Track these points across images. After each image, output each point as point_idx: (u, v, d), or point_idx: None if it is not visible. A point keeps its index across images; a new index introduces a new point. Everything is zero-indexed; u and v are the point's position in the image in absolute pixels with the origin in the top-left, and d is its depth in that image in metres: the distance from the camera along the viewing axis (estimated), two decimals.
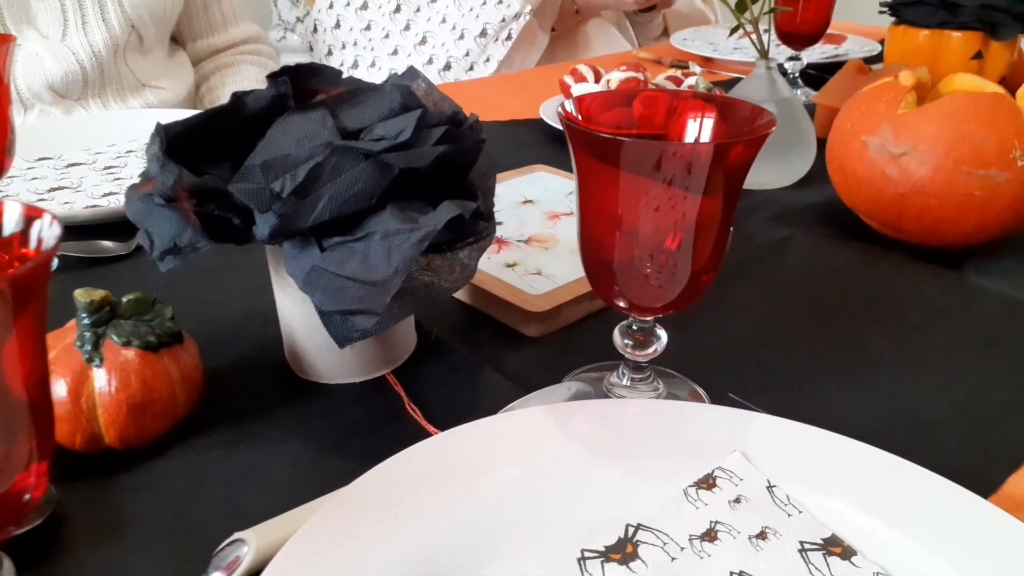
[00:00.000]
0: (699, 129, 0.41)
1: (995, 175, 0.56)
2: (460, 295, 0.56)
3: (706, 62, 1.24)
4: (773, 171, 0.75)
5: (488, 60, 1.30)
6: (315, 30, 1.41)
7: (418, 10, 1.32)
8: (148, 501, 0.38)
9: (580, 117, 0.40)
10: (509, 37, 1.28)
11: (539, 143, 0.88)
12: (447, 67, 1.31)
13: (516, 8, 1.28)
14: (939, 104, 0.58)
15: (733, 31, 0.75)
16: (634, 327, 0.42)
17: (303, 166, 0.39)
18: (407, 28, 1.31)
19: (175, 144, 0.41)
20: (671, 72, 0.98)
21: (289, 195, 0.38)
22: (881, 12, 0.98)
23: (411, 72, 0.46)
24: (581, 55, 1.48)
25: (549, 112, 0.93)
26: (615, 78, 0.90)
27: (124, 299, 0.41)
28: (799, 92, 1.07)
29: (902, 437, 0.42)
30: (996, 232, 0.58)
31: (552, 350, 0.50)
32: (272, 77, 0.43)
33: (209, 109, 0.43)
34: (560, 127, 0.87)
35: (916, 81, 0.63)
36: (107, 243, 0.62)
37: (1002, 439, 0.41)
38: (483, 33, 1.28)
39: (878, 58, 1.20)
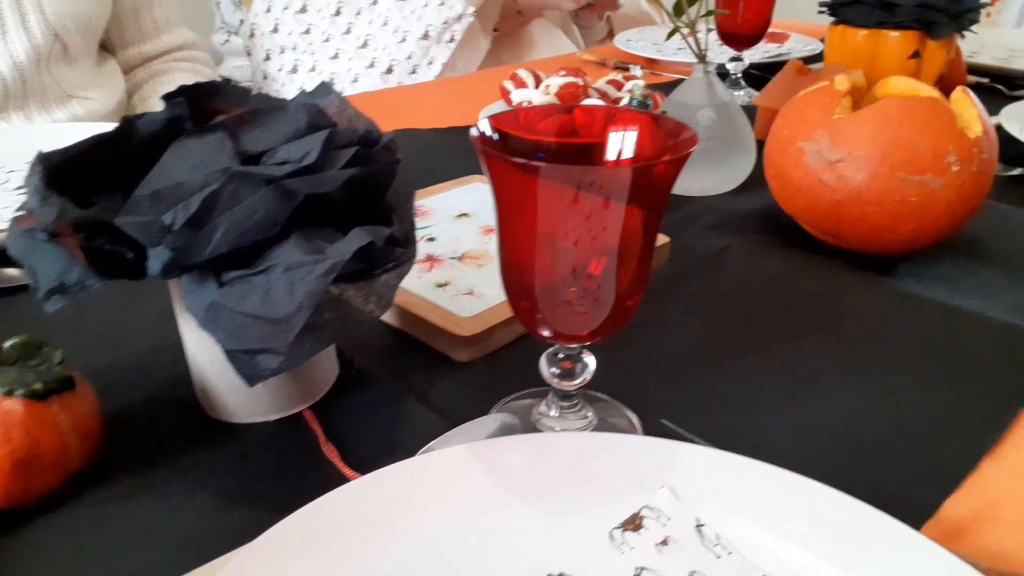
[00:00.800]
0: (620, 146, 0.39)
1: (930, 181, 0.55)
2: (388, 318, 0.53)
3: (650, 63, 1.23)
4: (712, 177, 0.74)
5: (431, 63, 1.27)
6: (252, 34, 1.37)
7: (359, 13, 1.28)
8: (35, 566, 0.35)
9: (495, 137, 0.38)
10: (452, 39, 1.26)
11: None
12: (389, 71, 1.28)
13: (458, 9, 1.25)
14: (874, 109, 0.57)
15: (670, 35, 0.73)
16: (560, 355, 0.40)
17: (197, 195, 0.36)
18: (348, 32, 1.28)
19: (60, 173, 0.38)
20: (612, 76, 0.96)
21: (182, 227, 0.36)
22: (820, 12, 0.97)
23: (323, 88, 0.44)
24: (525, 57, 1.46)
25: None
26: (554, 83, 0.88)
27: (7, 344, 0.38)
28: (742, 93, 1.06)
29: (839, 458, 0.41)
30: (933, 238, 0.58)
31: (482, 376, 0.48)
32: (168, 98, 0.40)
33: (97, 134, 0.39)
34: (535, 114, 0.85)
35: (852, 85, 0.63)
36: (12, 271, 0.58)
37: (939, 458, 0.40)
38: (425, 35, 1.25)
39: (820, 57, 1.20)
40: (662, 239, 0.61)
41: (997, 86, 1.09)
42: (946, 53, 0.91)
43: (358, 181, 0.38)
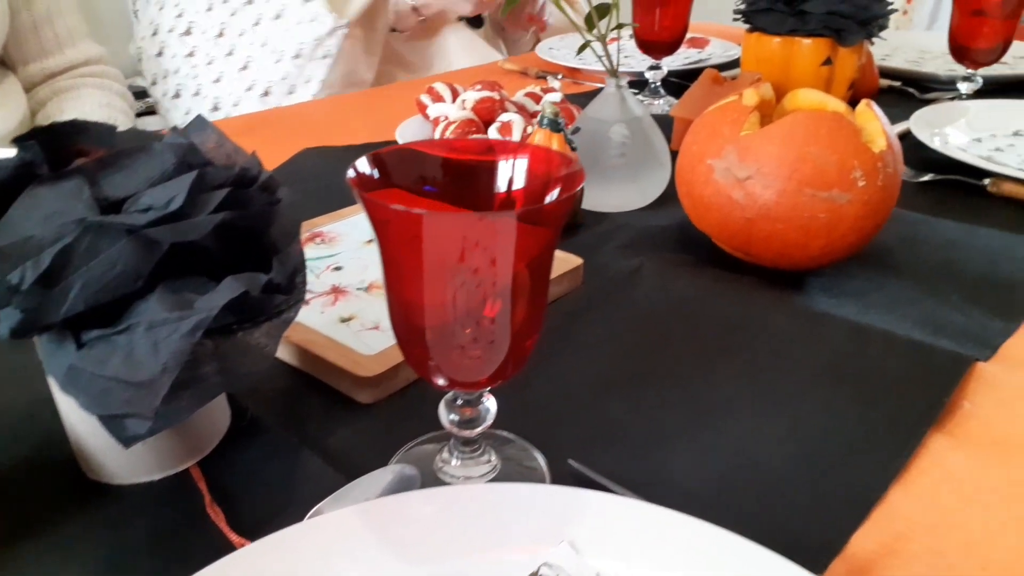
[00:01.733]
0: (509, 182, 0.38)
1: (837, 196, 0.55)
2: (287, 358, 0.51)
3: (572, 72, 1.22)
4: (628, 193, 0.73)
5: (308, 81, 1.23)
6: (140, 58, 1.32)
7: (241, 34, 1.24)
8: None
9: (376, 175, 0.36)
10: (326, 55, 1.22)
11: None
12: (266, 93, 1.24)
13: (329, 24, 1.21)
14: (780, 126, 0.56)
15: (581, 49, 0.72)
16: (459, 401, 0.38)
17: (49, 250, 0.33)
18: (230, 54, 1.23)
19: None
20: (530, 88, 0.95)
21: (32, 285, 0.33)
22: (735, 20, 0.98)
23: (198, 122, 0.41)
24: (438, 64, 1.43)
25: (406, 134, 0.88)
26: (470, 98, 0.86)
27: None
28: (661, 102, 1.06)
29: (748, 494, 0.40)
30: (843, 253, 0.58)
31: (386, 418, 0.46)
32: (19, 140, 0.37)
33: None
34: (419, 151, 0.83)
35: (760, 100, 0.62)
36: None
37: (848, 487, 0.40)
38: (298, 54, 1.22)
39: (740, 63, 1.20)
40: (575, 261, 0.60)
41: (908, 89, 1.11)
42: (857, 59, 0.92)
43: (230, 225, 0.36)
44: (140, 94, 1.46)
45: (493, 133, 0.83)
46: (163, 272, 0.35)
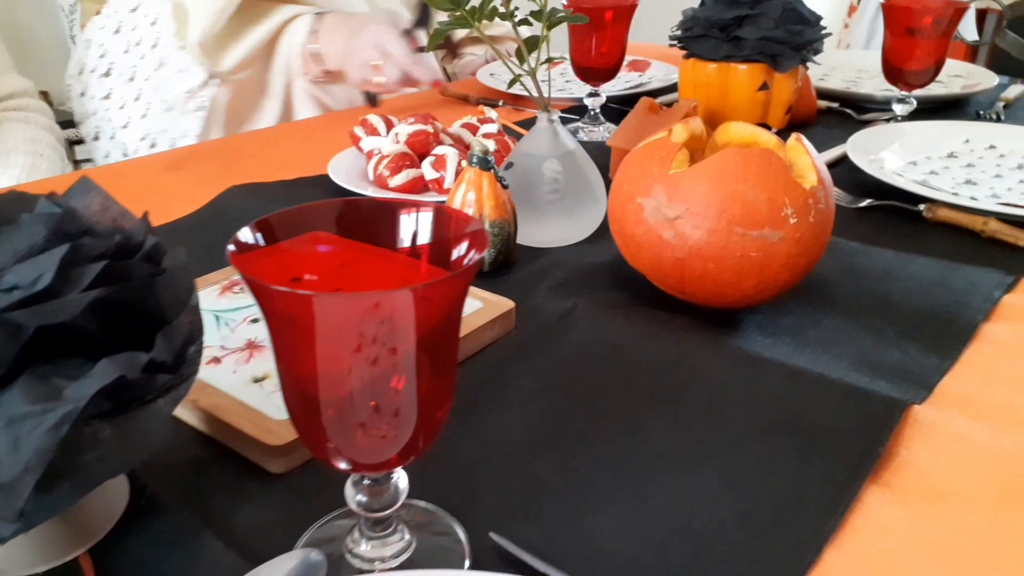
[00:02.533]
0: (414, 237, 0.35)
1: (769, 235, 0.54)
2: (195, 423, 0.47)
3: (514, 99, 1.21)
4: (562, 228, 0.71)
5: (185, 135, 1.19)
6: (70, 96, 1.28)
7: (147, 79, 1.20)
8: None
9: (262, 243, 0.33)
10: (200, 108, 1.17)
11: None
12: (153, 145, 1.20)
13: (202, 77, 1.16)
14: (709, 164, 0.55)
15: (511, 84, 0.70)
16: (366, 481, 0.36)
17: None
18: (137, 99, 1.19)
19: None
20: (467, 119, 0.93)
21: None
22: (671, 45, 0.97)
23: (83, 185, 0.38)
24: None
25: (339, 168, 0.85)
26: (403, 131, 0.84)
27: None
28: (601, 129, 1.05)
29: (681, 562, 0.38)
30: (777, 290, 0.56)
31: (298, 491, 0.43)
32: None
33: None
34: (352, 188, 0.80)
35: (690, 135, 0.61)
36: None
37: (782, 552, 0.38)
38: (171, 107, 1.18)
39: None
40: (506, 305, 0.58)
41: (846, 110, 1.11)
42: (794, 83, 0.92)
43: (107, 302, 0.33)
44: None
45: (427, 167, 0.80)
46: (31, 357, 0.32)
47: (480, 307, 0.57)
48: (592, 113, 1.06)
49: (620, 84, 1.22)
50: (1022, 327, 0.57)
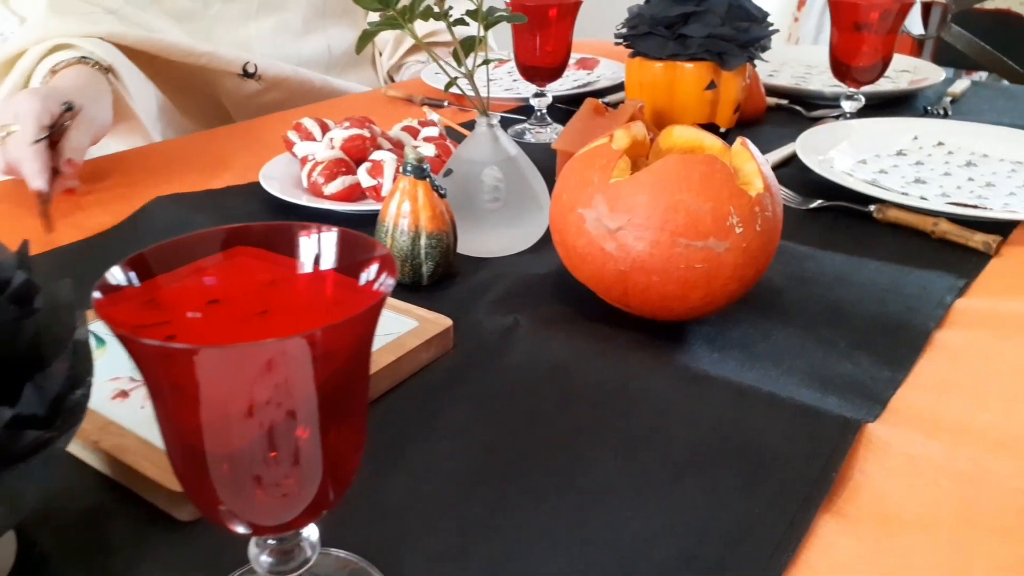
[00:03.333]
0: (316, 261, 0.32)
1: (714, 245, 0.51)
2: (96, 465, 0.43)
3: (459, 99, 1.17)
4: (504, 237, 0.68)
5: None
6: None
7: None
8: None
9: (137, 283, 0.30)
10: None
11: (256, 217, 0.77)
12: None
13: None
14: (650, 172, 0.52)
15: (448, 86, 0.67)
16: (271, 540, 0.32)
17: None
18: None
19: None
20: (407, 122, 0.89)
21: None
22: (617, 44, 0.94)
23: None
24: (305, 88, 1.31)
25: (272, 176, 0.81)
26: (338, 136, 0.80)
27: None
28: (548, 130, 1.02)
29: None
30: (724, 302, 0.54)
31: (207, 540, 0.39)
32: None
33: None
34: (285, 197, 0.76)
35: (632, 141, 0.58)
36: None
37: None
38: None
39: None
40: (444, 323, 0.54)
41: (796, 107, 1.10)
42: (741, 81, 0.90)
43: None
44: None
45: (363, 173, 0.77)
46: None
47: (415, 326, 0.54)
48: (538, 114, 1.03)
49: (568, 83, 1.19)
50: (974, 334, 0.56)
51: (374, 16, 0.65)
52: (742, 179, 0.54)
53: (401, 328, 0.54)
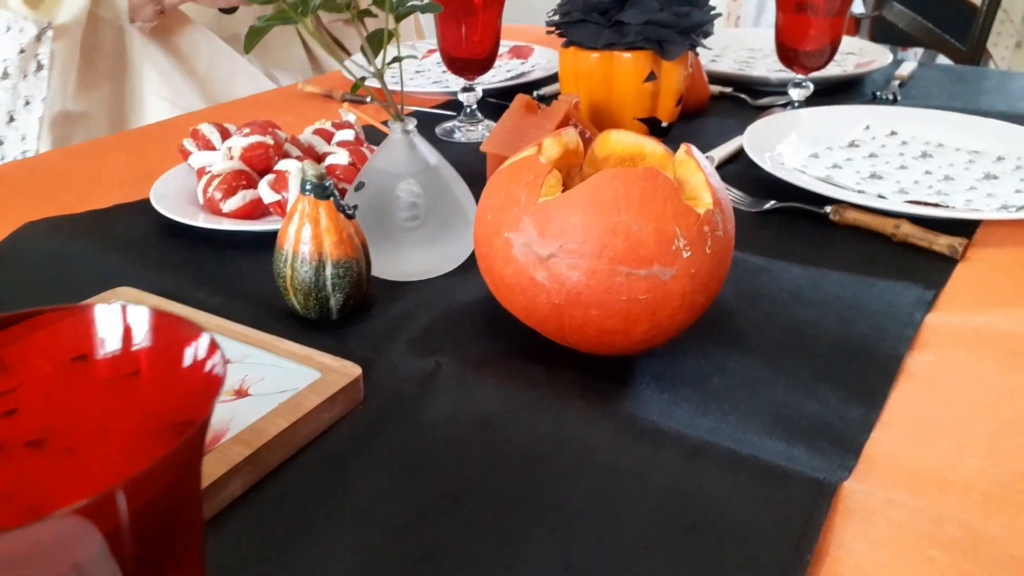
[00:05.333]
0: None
1: (659, 272, 0.44)
2: None
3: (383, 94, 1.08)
4: (426, 259, 0.60)
5: (28, 103, 1.03)
6: None
7: None
8: None
9: None
10: (40, 68, 1.02)
11: (147, 241, 0.67)
12: None
13: (33, 30, 1.00)
14: (584, 190, 0.45)
15: (355, 88, 0.59)
16: None
17: None
18: None
19: None
20: (320, 124, 0.81)
21: None
22: (549, 33, 0.87)
23: None
24: (205, 81, 1.19)
25: (166, 192, 0.72)
26: (236, 145, 0.71)
27: None
28: (481, 127, 0.94)
29: None
30: (673, 333, 0.47)
31: None
32: None
33: None
34: (178, 217, 0.67)
35: (563, 150, 0.51)
36: None
37: None
38: (4, 74, 1.01)
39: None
40: (351, 373, 0.47)
41: (741, 95, 1.04)
42: (683, 70, 0.83)
43: None
44: None
45: (264, 187, 0.68)
46: None
47: (318, 378, 0.46)
48: (468, 110, 0.95)
49: (501, 74, 1.12)
50: (948, 355, 0.50)
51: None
52: (688, 194, 0.47)
53: (299, 382, 0.46)
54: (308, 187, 0.53)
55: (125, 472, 0.29)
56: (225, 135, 0.76)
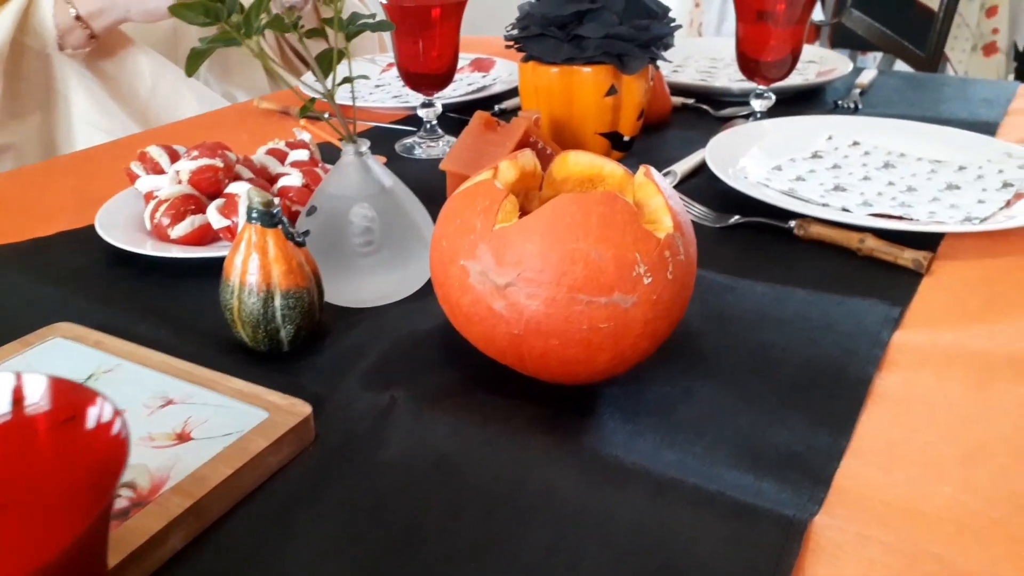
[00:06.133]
0: None
1: (620, 300, 0.43)
2: None
3: (345, 111, 1.06)
4: (382, 285, 0.58)
5: None
6: None
7: None
8: None
9: None
10: None
11: (91, 271, 0.65)
12: None
13: None
14: (541, 216, 0.43)
15: (303, 111, 0.57)
16: None
17: None
18: None
19: None
20: (273, 144, 0.78)
21: None
22: (507, 47, 0.85)
23: None
24: (148, 104, 1.16)
25: (112, 218, 0.69)
26: (184, 169, 0.68)
27: None
28: (442, 143, 0.92)
29: None
30: (636, 360, 0.46)
31: None
32: None
33: None
34: (124, 245, 0.64)
35: (520, 173, 0.49)
36: None
37: None
38: None
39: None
40: (301, 411, 0.44)
41: (703, 107, 1.03)
42: (644, 84, 0.82)
43: None
44: None
45: (212, 212, 0.65)
46: None
47: (265, 419, 0.44)
48: (428, 126, 0.93)
49: (462, 88, 1.10)
50: (915, 375, 0.49)
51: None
52: (647, 217, 0.46)
53: (246, 423, 0.43)
54: (254, 215, 0.50)
55: (37, 533, 0.27)
56: (174, 157, 0.74)
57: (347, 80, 0.57)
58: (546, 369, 0.46)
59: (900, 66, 2.14)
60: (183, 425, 0.44)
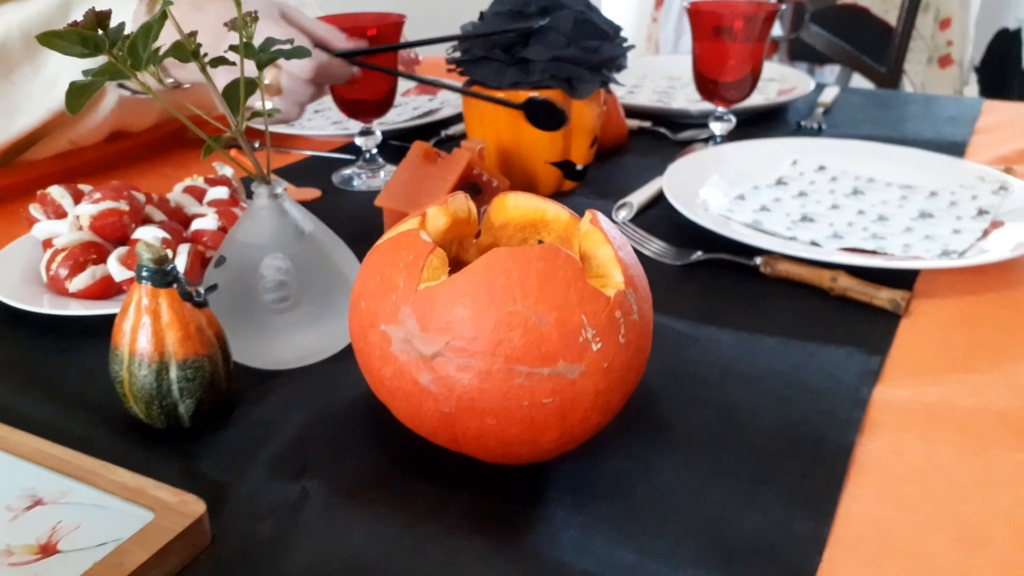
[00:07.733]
0: None
1: (566, 370, 0.37)
2: None
3: (283, 139, 0.99)
4: (297, 345, 0.51)
5: None
6: None
7: None
8: None
9: None
10: None
11: None
12: None
13: None
14: (472, 274, 0.37)
15: (206, 152, 0.50)
16: None
17: None
18: None
19: None
20: (191, 181, 0.71)
21: None
22: (450, 71, 0.79)
23: None
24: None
25: (8, 271, 0.61)
26: (85, 213, 0.61)
27: None
28: (382, 174, 0.85)
29: None
30: (586, 436, 0.40)
31: None
32: None
33: None
34: (14, 302, 0.56)
35: (451, 220, 0.43)
36: None
37: None
38: None
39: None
40: (193, 511, 0.37)
41: (660, 130, 0.98)
42: (596, 108, 0.77)
43: None
44: None
45: (113, 262, 0.58)
46: None
47: (149, 521, 0.37)
48: (368, 155, 0.86)
49: (408, 112, 1.04)
50: (900, 439, 0.44)
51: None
52: (595, 272, 0.40)
53: (125, 528, 0.36)
54: (144, 273, 0.43)
55: None
56: (79, 198, 0.66)
57: (256, 115, 0.50)
58: (484, 450, 0.39)
59: (858, 79, 2.13)
60: (50, 534, 0.37)
